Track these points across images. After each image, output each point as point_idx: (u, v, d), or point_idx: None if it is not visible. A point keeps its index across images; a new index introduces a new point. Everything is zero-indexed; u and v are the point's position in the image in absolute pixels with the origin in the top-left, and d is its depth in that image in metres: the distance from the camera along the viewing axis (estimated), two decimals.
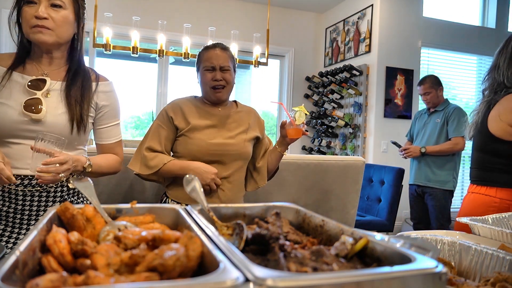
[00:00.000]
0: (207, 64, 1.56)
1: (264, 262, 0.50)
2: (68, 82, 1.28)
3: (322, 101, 4.94)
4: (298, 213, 0.74)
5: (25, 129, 1.20)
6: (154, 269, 0.42)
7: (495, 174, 1.47)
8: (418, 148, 3.12)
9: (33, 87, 1.22)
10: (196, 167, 1.49)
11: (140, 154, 1.56)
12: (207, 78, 1.55)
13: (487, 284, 0.65)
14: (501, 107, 1.48)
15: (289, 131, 1.56)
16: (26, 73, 1.25)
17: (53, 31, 1.19)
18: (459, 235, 0.94)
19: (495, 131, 1.47)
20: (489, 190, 1.47)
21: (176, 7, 4.64)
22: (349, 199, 2.31)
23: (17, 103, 1.19)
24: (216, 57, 1.56)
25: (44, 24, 1.17)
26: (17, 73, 1.23)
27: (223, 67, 1.55)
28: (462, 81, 4.76)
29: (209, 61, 1.56)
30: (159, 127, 1.58)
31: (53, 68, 1.28)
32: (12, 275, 0.40)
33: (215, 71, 1.55)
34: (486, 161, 1.51)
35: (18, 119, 1.19)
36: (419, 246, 0.52)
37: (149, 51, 3.32)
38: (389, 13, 4.29)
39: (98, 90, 1.34)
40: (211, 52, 1.57)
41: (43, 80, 1.25)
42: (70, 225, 0.62)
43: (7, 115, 1.19)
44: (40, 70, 1.27)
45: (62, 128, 1.24)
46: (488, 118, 1.51)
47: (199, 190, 0.73)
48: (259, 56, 3.46)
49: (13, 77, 1.22)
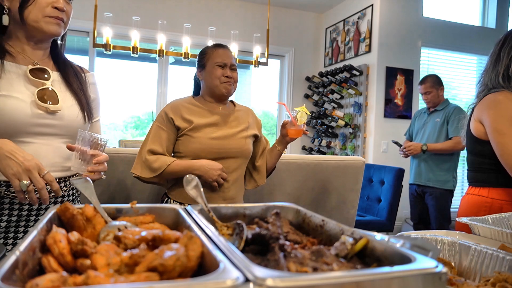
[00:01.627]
0: (218, 61, 1.58)
1: (264, 262, 0.50)
2: (63, 72, 1.20)
3: (322, 101, 4.94)
4: (298, 213, 0.74)
5: (39, 123, 1.08)
6: (154, 269, 0.42)
7: (486, 174, 1.48)
8: (420, 145, 3.11)
9: (37, 77, 1.10)
10: (201, 165, 1.50)
11: (141, 158, 1.56)
12: (218, 73, 1.57)
13: (487, 284, 0.65)
14: (477, 107, 1.51)
15: (290, 130, 1.59)
16: (17, 62, 1.11)
17: (64, 24, 1.13)
18: (459, 235, 0.94)
19: (475, 132, 1.51)
20: (482, 190, 1.48)
21: (176, 7, 4.64)
22: (349, 199, 2.31)
23: (25, 95, 1.06)
24: (227, 55, 1.60)
25: (63, 16, 1.10)
26: (8, 62, 1.09)
27: (233, 66, 1.61)
28: (462, 81, 4.76)
29: (221, 58, 1.59)
30: (159, 129, 1.57)
31: (39, 57, 1.17)
32: (12, 275, 0.40)
33: (226, 68, 1.58)
34: (476, 162, 1.53)
35: (32, 112, 1.06)
36: (419, 246, 0.52)
37: (149, 51, 3.32)
38: (389, 13, 4.29)
39: (87, 81, 1.27)
40: (222, 50, 1.61)
41: (42, 69, 1.13)
42: (70, 225, 0.62)
43: (19, 109, 1.04)
44: (28, 59, 1.14)
45: (76, 120, 1.16)
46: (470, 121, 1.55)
47: (199, 190, 0.73)
48: (259, 56, 3.46)
49: (6, 67, 1.08)
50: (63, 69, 1.20)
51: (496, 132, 1.38)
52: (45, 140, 1.10)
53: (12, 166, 0.91)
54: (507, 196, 1.42)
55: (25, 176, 0.91)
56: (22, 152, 0.94)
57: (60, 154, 1.15)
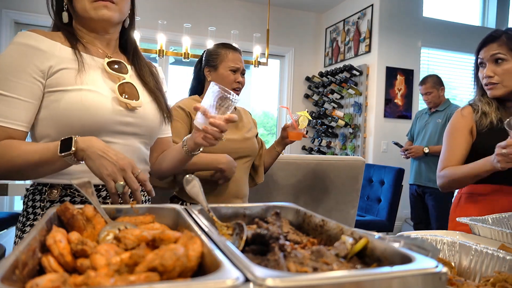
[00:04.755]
0: (232, 65, 1.57)
1: (264, 262, 0.50)
2: (137, 66, 1.11)
3: (322, 101, 4.94)
4: (298, 213, 0.74)
5: (119, 121, 0.98)
6: (154, 269, 0.42)
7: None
8: (421, 148, 3.11)
9: (115, 70, 1.02)
10: (227, 161, 1.46)
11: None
12: (230, 79, 1.57)
13: (487, 284, 0.65)
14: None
15: (291, 133, 1.62)
16: (92, 54, 1.02)
17: (116, 6, 0.99)
18: (459, 235, 0.94)
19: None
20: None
21: (175, 7, 4.64)
22: (349, 199, 2.31)
23: (105, 89, 0.98)
24: (240, 60, 1.60)
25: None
26: (84, 53, 1.01)
27: (243, 71, 1.62)
28: (462, 81, 4.76)
29: (235, 62, 1.58)
30: (175, 122, 1.48)
31: (110, 49, 1.09)
32: (12, 275, 0.40)
33: (238, 73, 1.58)
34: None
35: (114, 108, 0.97)
36: (419, 246, 0.52)
37: (149, 51, 3.32)
38: (389, 13, 4.29)
39: (159, 76, 1.18)
40: (236, 55, 1.60)
41: (118, 62, 1.05)
42: (70, 225, 0.62)
43: (102, 104, 0.95)
44: (101, 52, 1.05)
45: (154, 119, 1.07)
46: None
47: (200, 189, 0.73)
48: (259, 56, 3.46)
49: (85, 59, 0.99)
50: (137, 62, 1.12)
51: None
52: (124, 140, 1.01)
53: (107, 166, 0.81)
54: (470, 189, 1.43)
55: (120, 177, 0.81)
56: (114, 150, 0.85)
57: (138, 156, 1.06)
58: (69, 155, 0.83)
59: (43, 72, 0.93)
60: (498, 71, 1.34)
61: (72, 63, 0.96)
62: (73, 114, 0.92)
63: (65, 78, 0.94)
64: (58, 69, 0.94)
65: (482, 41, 1.40)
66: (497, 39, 1.35)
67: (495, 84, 1.36)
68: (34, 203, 0.99)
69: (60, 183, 0.98)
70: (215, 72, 1.59)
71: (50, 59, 0.94)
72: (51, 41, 0.96)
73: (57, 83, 0.94)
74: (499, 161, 1.19)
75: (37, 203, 0.99)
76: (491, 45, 1.36)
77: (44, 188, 0.98)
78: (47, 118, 0.95)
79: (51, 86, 0.94)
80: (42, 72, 0.93)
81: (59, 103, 0.93)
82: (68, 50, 0.98)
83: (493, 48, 1.35)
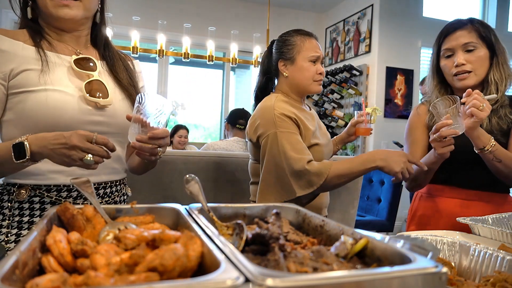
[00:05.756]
0: (313, 54, 1.34)
1: (264, 262, 0.50)
2: (109, 61, 1.07)
3: (322, 101, 4.94)
4: (298, 213, 0.74)
5: (87, 121, 0.95)
6: (154, 269, 0.42)
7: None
8: None
9: (82, 68, 0.98)
10: (388, 155, 1.18)
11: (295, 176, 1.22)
12: (312, 71, 1.34)
13: (487, 284, 0.65)
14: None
15: (360, 129, 1.56)
16: (58, 52, 0.99)
17: (81, 2, 0.96)
18: (459, 235, 0.94)
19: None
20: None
21: (176, 7, 4.64)
22: (349, 199, 2.31)
23: (71, 88, 0.94)
24: (318, 47, 1.38)
25: None
26: (50, 52, 0.97)
27: (323, 60, 1.41)
28: None
29: (315, 50, 1.35)
30: (290, 135, 1.25)
31: (80, 46, 1.05)
32: (12, 275, 0.40)
33: (318, 63, 1.36)
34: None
35: (81, 108, 0.94)
36: (419, 246, 0.52)
37: (149, 51, 3.32)
38: (389, 13, 4.29)
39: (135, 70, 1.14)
40: (313, 40, 1.38)
41: (86, 58, 1.00)
42: (70, 225, 0.62)
43: (68, 104, 0.92)
44: (69, 49, 1.01)
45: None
46: None
47: (199, 189, 0.73)
48: (259, 56, 3.46)
49: (49, 58, 0.96)
50: (109, 57, 1.08)
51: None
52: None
53: (65, 153, 0.80)
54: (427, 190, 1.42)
55: (80, 154, 0.80)
56: (59, 133, 0.82)
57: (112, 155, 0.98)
58: (26, 161, 0.82)
59: (5, 74, 0.91)
60: (471, 58, 1.25)
61: (36, 63, 0.93)
62: (38, 115, 0.91)
63: (29, 79, 0.92)
64: (21, 70, 0.92)
65: (446, 29, 1.31)
66: (465, 25, 1.28)
67: (468, 73, 1.26)
68: (2, 203, 0.98)
69: (29, 183, 0.96)
70: (292, 65, 1.36)
71: (12, 60, 0.92)
72: (12, 41, 0.94)
73: (21, 84, 0.91)
74: (435, 148, 1.17)
75: (5, 203, 0.97)
76: (460, 32, 1.27)
77: (12, 189, 0.97)
78: (12, 119, 0.94)
79: (14, 87, 0.92)
80: (3, 74, 0.91)
81: (24, 105, 0.91)
82: (31, 49, 0.95)
83: (464, 35, 1.26)
